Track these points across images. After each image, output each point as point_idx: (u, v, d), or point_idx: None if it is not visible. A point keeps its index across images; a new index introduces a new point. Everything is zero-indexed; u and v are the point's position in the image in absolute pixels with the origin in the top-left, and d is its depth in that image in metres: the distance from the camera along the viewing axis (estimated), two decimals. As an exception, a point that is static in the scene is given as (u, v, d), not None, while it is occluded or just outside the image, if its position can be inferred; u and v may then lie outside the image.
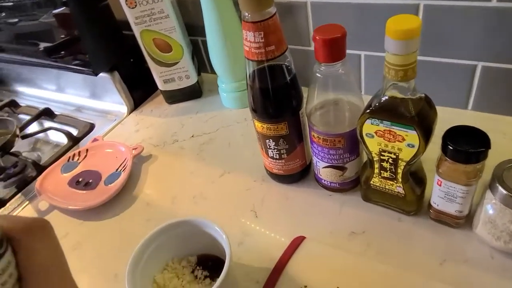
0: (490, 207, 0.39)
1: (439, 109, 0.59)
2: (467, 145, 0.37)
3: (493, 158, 0.39)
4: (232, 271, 0.44)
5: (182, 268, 0.45)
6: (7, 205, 0.65)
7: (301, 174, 0.54)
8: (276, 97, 0.46)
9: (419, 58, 0.57)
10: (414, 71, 0.36)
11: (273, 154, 0.51)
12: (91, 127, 0.80)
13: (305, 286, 0.41)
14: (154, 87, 0.78)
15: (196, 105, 0.77)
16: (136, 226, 0.54)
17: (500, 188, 0.37)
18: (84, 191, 0.62)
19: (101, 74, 0.76)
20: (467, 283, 0.39)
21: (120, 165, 0.64)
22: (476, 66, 0.54)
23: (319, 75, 0.42)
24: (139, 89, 0.81)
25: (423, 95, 0.40)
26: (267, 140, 0.50)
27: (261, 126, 0.48)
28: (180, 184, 0.60)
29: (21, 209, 0.63)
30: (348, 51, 0.62)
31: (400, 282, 0.40)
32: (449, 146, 0.38)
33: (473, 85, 0.57)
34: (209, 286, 0.42)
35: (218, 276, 0.43)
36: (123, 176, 0.61)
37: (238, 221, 0.52)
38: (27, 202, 0.64)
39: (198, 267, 0.45)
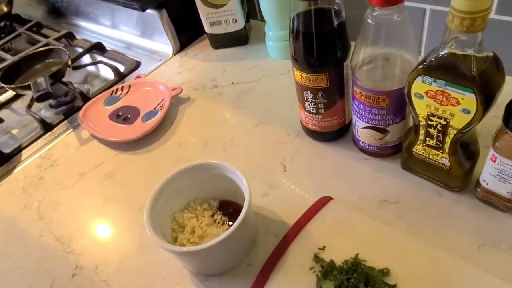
0: (551, 193, 0.34)
1: (509, 79, 0.52)
2: (535, 118, 0.32)
3: None
4: (252, 220, 0.43)
5: (203, 210, 0.44)
6: (54, 130, 0.68)
7: (338, 133, 0.50)
8: (319, 44, 0.42)
9: (499, 17, 0.49)
10: (484, 20, 0.30)
11: (310, 107, 0.48)
12: (137, 64, 0.80)
13: (324, 247, 0.39)
14: (201, 31, 0.76)
15: (240, 52, 0.74)
16: (166, 164, 0.55)
17: None
18: (123, 125, 0.63)
19: (149, 11, 0.74)
20: (506, 273, 0.35)
21: (158, 104, 0.64)
22: None
23: (370, 22, 0.38)
24: (187, 31, 0.80)
25: (491, 53, 0.34)
26: (305, 92, 0.46)
27: (300, 75, 0.45)
28: (213, 129, 0.59)
29: (66, 135, 0.66)
30: (411, 4, 0.55)
31: (428, 259, 0.37)
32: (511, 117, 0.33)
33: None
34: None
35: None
36: (159, 115, 0.62)
37: (265, 172, 0.50)
38: (71, 130, 0.67)
39: (218, 212, 0.44)
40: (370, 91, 0.41)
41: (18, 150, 0.66)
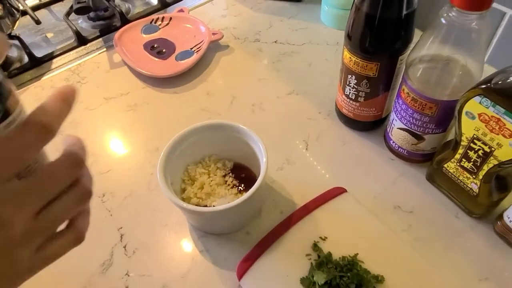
0: None
1: None
2: None
3: None
4: (262, 191, 0.43)
5: (216, 168, 0.44)
6: (88, 45, 0.67)
7: (370, 125, 0.48)
8: (379, 29, 0.38)
9: None
10: None
11: (350, 92, 0.45)
12: (183, -5, 0.76)
13: (325, 237, 0.39)
14: (258, -25, 0.71)
15: (292, 9, 0.69)
16: (190, 111, 0.54)
17: None
18: (156, 59, 0.61)
19: None
20: (499, 312, 0.34)
21: (196, 46, 0.62)
22: None
23: (444, 21, 0.34)
24: (242, -29, 0.74)
25: None
26: (349, 76, 0.43)
27: (350, 58, 0.42)
28: (244, 87, 0.57)
29: (98, 53, 0.65)
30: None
31: (425, 279, 0.36)
32: None
33: None
34: (235, 196, 0.42)
35: (245, 189, 0.42)
36: (195, 57, 0.60)
37: (286, 146, 0.49)
38: (104, 49, 0.65)
39: (231, 174, 0.44)
40: (419, 95, 0.38)
41: (50, 58, 0.65)
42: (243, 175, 0.44)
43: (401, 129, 0.43)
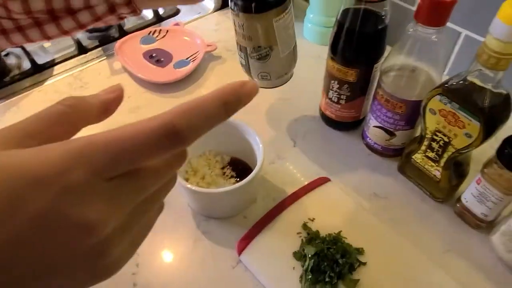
0: (517, 222, 0.39)
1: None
2: (524, 156, 0.37)
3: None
4: (258, 180, 0.48)
5: (215, 161, 0.50)
6: (88, 53, 0.72)
7: (350, 125, 0.55)
8: (358, 42, 0.46)
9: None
10: (507, 63, 0.34)
11: (332, 96, 0.52)
12: (177, 11, 0.83)
13: (313, 219, 0.45)
14: (246, -6, 0.78)
15: (278, 26, 0.76)
16: (188, 113, 0.59)
17: (536, 208, 0.37)
18: (154, 66, 0.67)
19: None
20: (461, 277, 0.41)
21: (191, 56, 0.68)
22: None
23: (410, 34, 0.41)
24: (232, -9, 0.82)
25: (505, 92, 0.38)
26: (332, 81, 0.50)
27: (333, 65, 0.49)
28: (237, 92, 0.63)
29: (98, 61, 0.70)
30: (450, 25, 0.59)
31: (398, 250, 0.42)
32: (505, 150, 0.37)
33: None
34: (233, 185, 0.47)
35: (242, 180, 0.47)
36: (191, 66, 0.65)
37: (276, 143, 0.55)
38: (104, 58, 0.70)
39: (228, 166, 0.49)
40: (391, 96, 0.45)
41: (52, 64, 0.69)
42: (240, 167, 0.50)
43: (376, 127, 0.50)
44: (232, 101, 0.20)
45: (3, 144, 0.19)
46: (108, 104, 0.22)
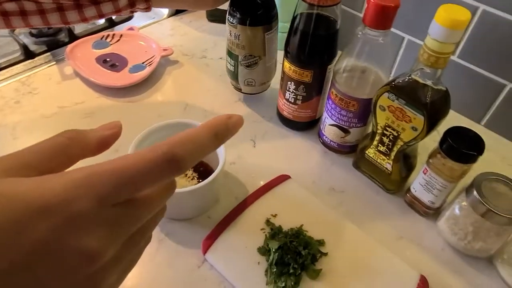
0: (460, 207, 0.43)
1: (454, 114, 0.62)
2: (462, 145, 0.40)
3: (482, 171, 0.42)
4: (220, 180, 0.48)
5: (176, 163, 0.49)
6: (36, 58, 0.68)
7: (307, 125, 0.57)
8: (312, 44, 0.48)
9: (460, 61, 0.58)
10: (445, 61, 0.38)
11: (289, 97, 0.54)
12: (130, 16, 0.81)
13: (276, 215, 0.46)
14: (201, 0, 0.79)
15: (233, 31, 0.78)
16: (147, 116, 0.59)
17: (475, 192, 0.41)
18: (109, 71, 0.65)
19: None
20: (413, 261, 0.44)
21: (147, 60, 0.67)
22: (505, 86, 0.56)
23: (359, 37, 0.44)
24: (186, -3, 0.82)
25: (444, 88, 0.42)
26: (289, 82, 0.52)
27: (289, 67, 0.51)
28: (196, 96, 0.63)
29: (47, 66, 0.67)
30: (395, 30, 0.63)
31: (356, 239, 0.45)
32: (447, 141, 0.41)
33: (495, 104, 0.58)
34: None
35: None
36: (147, 70, 0.65)
37: (237, 144, 0.56)
38: (54, 63, 0.68)
39: (190, 168, 0.49)
40: (344, 95, 0.48)
41: (-4, 69, 0.66)
42: (202, 168, 0.50)
43: (331, 125, 0.52)
44: (222, 131, 0.22)
45: (3, 172, 0.19)
46: (105, 140, 0.23)
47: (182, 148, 0.19)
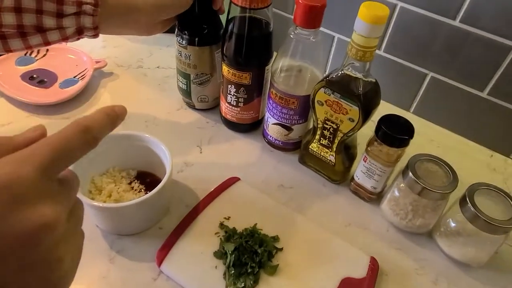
0: (398, 189, 0.46)
1: (386, 104, 0.66)
2: (395, 131, 0.43)
3: (414, 154, 0.46)
4: (169, 189, 0.47)
5: (121, 177, 0.48)
6: (-50, 80, 0.62)
7: (251, 126, 0.58)
8: (247, 47, 0.49)
9: (386, 54, 0.63)
10: (371, 54, 0.41)
11: (231, 100, 0.54)
12: (56, 30, 0.77)
13: (229, 217, 0.46)
14: (131, 10, 0.77)
15: (169, 39, 0.77)
16: (83, 133, 0.56)
17: (410, 173, 0.44)
18: (37, 88, 0.61)
19: (80, -21, 0.73)
20: (362, 244, 0.46)
21: (79, 74, 0.64)
22: (427, 75, 0.61)
23: (292, 37, 0.46)
24: (116, 7, 0.80)
25: (374, 80, 0.45)
26: (229, 86, 0.53)
27: (228, 70, 0.51)
28: (135, 107, 0.61)
29: (-35, 88, 0.61)
30: (326, 30, 0.67)
31: (308, 231, 0.46)
32: (381, 129, 0.44)
33: (420, 92, 0.63)
34: (142, 199, 0.46)
35: (153, 190, 0.46)
36: (80, 84, 0.62)
37: (183, 151, 0.55)
38: (-28, 83, 0.62)
39: (136, 180, 0.48)
40: (283, 94, 0.49)
41: None
42: (149, 180, 0.49)
43: (274, 124, 0.53)
44: (112, 109, 0.26)
45: None
46: (33, 141, 0.23)
47: (87, 121, 0.23)
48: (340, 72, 0.44)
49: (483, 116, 0.59)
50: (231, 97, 0.54)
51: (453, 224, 0.44)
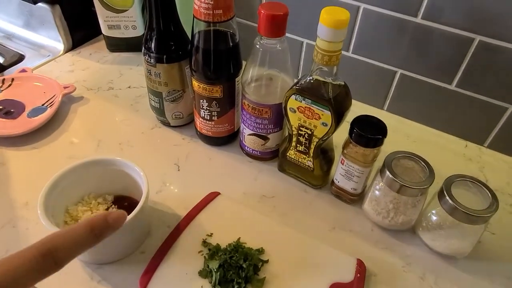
0: (378, 188, 0.46)
1: (360, 104, 0.67)
2: (368, 132, 0.44)
3: (391, 151, 0.46)
4: (147, 212, 0.46)
5: (97, 204, 0.46)
6: None
7: (227, 139, 0.58)
8: (215, 60, 0.49)
9: (354, 56, 0.63)
10: (337, 58, 0.41)
11: (204, 114, 0.54)
12: (20, 57, 0.76)
13: (211, 234, 0.45)
14: (98, 32, 0.76)
15: (138, 58, 0.76)
16: (56, 161, 0.54)
17: (387, 172, 0.44)
18: (3, 119, 0.59)
19: (40, 4, 0.72)
20: (348, 247, 0.46)
21: (48, 101, 0.63)
22: (396, 72, 0.62)
23: (258, 47, 0.46)
24: (81, 29, 0.79)
25: (342, 82, 0.45)
26: (201, 100, 0.52)
27: (198, 85, 0.51)
28: (108, 130, 0.60)
29: None
30: (294, 36, 0.67)
31: (293, 240, 0.46)
32: (354, 130, 0.44)
33: (391, 89, 0.64)
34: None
35: (131, 214, 0.45)
36: (49, 112, 0.60)
37: (160, 171, 0.54)
38: None
39: (113, 206, 0.47)
40: (256, 104, 0.49)
41: None
42: (126, 203, 0.47)
43: (250, 134, 0.53)
44: (100, 226, 0.23)
45: None
46: None
47: (56, 241, 0.20)
48: (309, 78, 0.44)
49: (454, 108, 0.60)
50: (204, 112, 0.54)
51: (434, 218, 0.45)
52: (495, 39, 0.52)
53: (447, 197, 0.42)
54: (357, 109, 0.48)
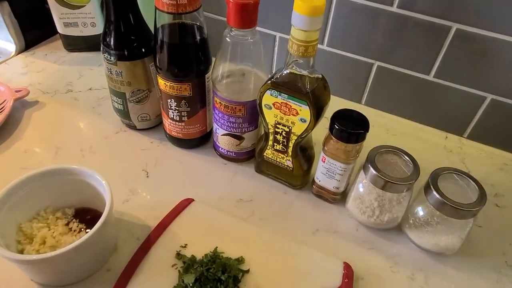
0: (361, 185, 0.44)
1: (337, 99, 0.64)
2: (349, 126, 0.41)
3: (373, 146, 0.44)
4: (112, 224, 0.42)
5: (56, 219, 0.41)
6: None
7: (199, 140, 0.54)
8: (182, 56, 0.45)
9: (329, 49, 0.61)
10: (314, 49, 0.38)
11: (173, 115, 0.50)
12: (-33, 61, 0.69)
13: (186, 245, 0.41)
14: (54, 30, 0.70)
15: (99, 57, 0.70)
16: (8, 173, 0.49)
17: (371, 168, 0.42)
18: None
19: (-13, 1, 0.65)
20: (333, 250, 0.43)
21: (-2, 107, 0.57)
22: (373, 65, 0.60)
23: (228, 40, 0.42)
24: (35, 29, 0.72)
25: (320, 75, 0.42)
26: (169, 100, 0.48)
27: (165, 84, 0.47)
28: (68, 136, 0.55)
29: None
30: (265, 30, 0.64)
31: (274, 245, 0.42)
32: (335, 126, 0.41)
33: (368, 82, 0.62)
34: (84, 239, 0.40)
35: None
36: (-1, 118, 0.54)
37: (127, 178, 0.49)
38: None
39: (74, 220, 0.42)
40: (228, 102, 0.46)
41: None
42: (89, 217, 0.43)
43: (224, 135, 0.49)
44: None
45: None
46: None
47: None
48: (284, 72, 0.41)
49: (433, 99, 0.59)
50: (173, 112, 0.49)
51: (421, 214, 0.43)
52: (472, 27, 0.50)
53: (434, 192, 0.40)
54: (335, 104, 0.46)
